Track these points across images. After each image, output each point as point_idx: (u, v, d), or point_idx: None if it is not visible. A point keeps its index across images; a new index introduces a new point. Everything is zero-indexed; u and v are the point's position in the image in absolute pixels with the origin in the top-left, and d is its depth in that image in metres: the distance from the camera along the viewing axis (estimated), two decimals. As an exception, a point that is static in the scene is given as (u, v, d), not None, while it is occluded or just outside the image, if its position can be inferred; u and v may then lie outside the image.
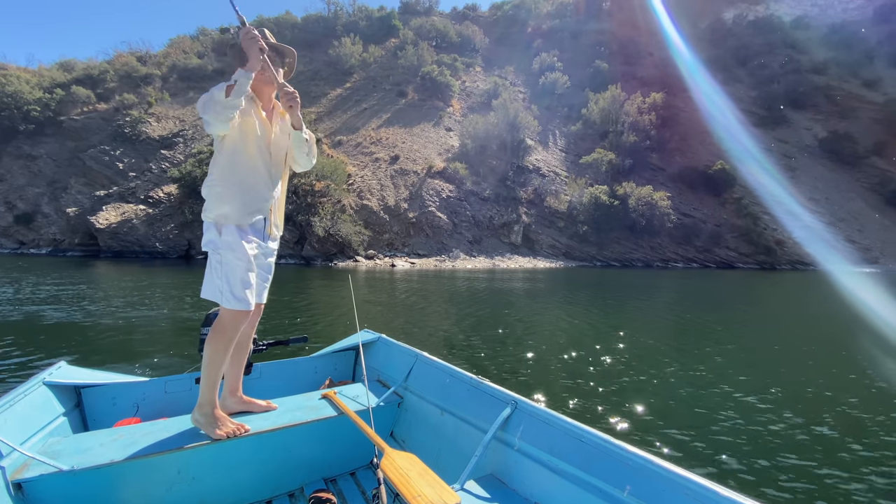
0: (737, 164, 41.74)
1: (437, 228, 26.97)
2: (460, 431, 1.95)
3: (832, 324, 10.25)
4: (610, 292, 15.40)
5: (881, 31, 69.18)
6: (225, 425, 1.77)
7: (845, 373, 5.66)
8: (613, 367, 5.48)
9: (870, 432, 3.81)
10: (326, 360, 2.88)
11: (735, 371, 5.47)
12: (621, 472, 1.32)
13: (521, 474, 1.62)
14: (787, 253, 33.40)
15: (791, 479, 3.01)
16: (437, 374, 2.23)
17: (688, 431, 3.67)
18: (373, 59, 51.69)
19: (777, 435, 3.69)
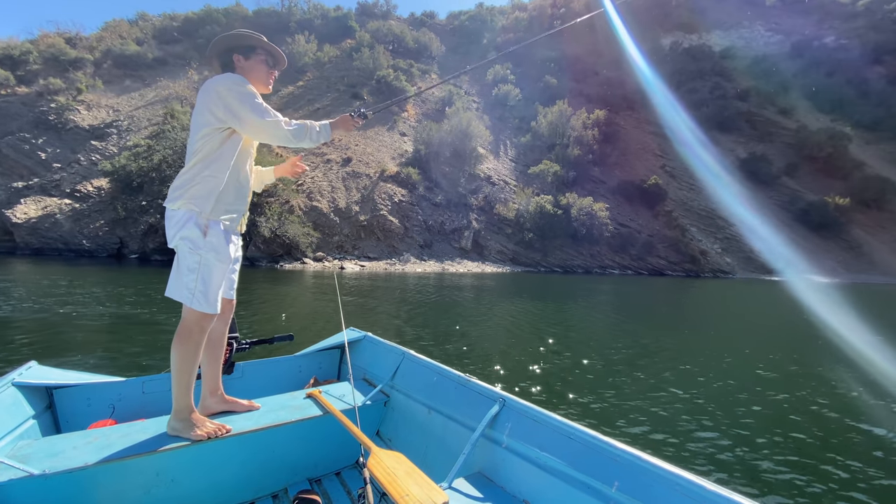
0: (669, 179, 45.30)
1: (389, 232, 27.18)
2: (448, 430, 1.94)
3: (746, 322, 11.65)
4: (556, 296, 16.37)
5: (796, 65, 77.60)
6: (205, 426, 1.73)
7: (759, 363, 6.64)
8: (560, 362, 6.10)
9: (783, 411, 4.62)
10: (311, 358, 2.83)
11: (664, 365, 6.28)
12: (609, 468, 1.34)
13: (509, 472, 1.61)
14: (709, 262, 36.68)
15: (727, 461, 3.66)
16: (424, 372, 2.21)
17: (624, 416, 4.30)
18: (327, 58, 51.07)
19: (693, 414, 4.40)
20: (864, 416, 4.56)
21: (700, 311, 14.44)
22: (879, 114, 60.76)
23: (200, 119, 1.73)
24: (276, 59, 1.99)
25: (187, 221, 1.67)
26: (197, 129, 1.73)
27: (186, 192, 1.69)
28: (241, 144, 1.79)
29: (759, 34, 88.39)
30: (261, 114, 1.71)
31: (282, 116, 1.77)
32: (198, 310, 1.67)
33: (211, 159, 1.72)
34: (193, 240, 1.67)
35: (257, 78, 1.89)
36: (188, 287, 1.66)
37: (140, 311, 8.43)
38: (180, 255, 1.70)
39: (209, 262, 1.68)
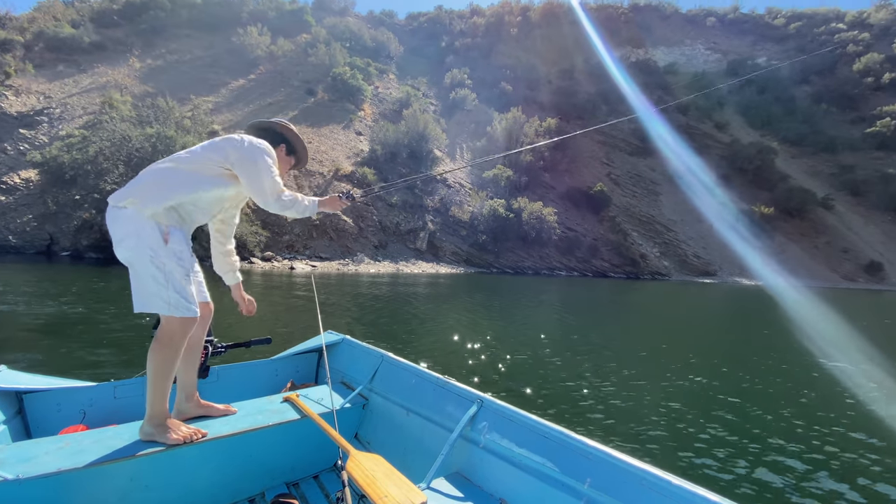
0: (614, 186, 47.84)
1: (342, 232, 27.08)
2: (426, 431, 1.96)
3: (682, 322, 12.78)
4: (509, 296, 17.07)
5: (731, 83, 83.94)
6: (180, 431, 1.71)
7: (692, 356, 7.46)
8: (514, 357, 6.61)
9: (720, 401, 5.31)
10: (287, 362, 2.82)
11: (607, 358, 6.94)
12: (582, 465, 1.39)
13: (486, 471, 1.65)
14: (648, 265, 39.16)
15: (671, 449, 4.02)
16: (403, 374, 2.24)
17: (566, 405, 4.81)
18: (281, 52, 49.75)
19: (626, 398, 5.01)
20: (775, 394, 5.38)
21: (641, 311, 15.64)
22: (803, 130, 66.83)
23: (212, 148, 1.81)
24: (300, 164, 2.26)
25: (148, 232, 1.62)
26: (202, 154, 1.79)
27: (149, 194, 1.65)
28: (227, 189, 1.82)
29: (700, 52, 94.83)
30: (270, 174, 1.81)
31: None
32: (179, 316, 1.66)
33: (195, 176, 1.74)
34: (154, 249, 1.61)
35: (280, 170, 2.03)
36: (162, 297, 1.62)
37: (82, 310, 8.19)
38: (139, 266, 1.63)
39: (173, 268, 1.64)
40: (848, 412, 5.04)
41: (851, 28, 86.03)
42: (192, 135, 25.20)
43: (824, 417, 4.81)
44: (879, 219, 52.40)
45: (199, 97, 36.29)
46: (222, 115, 35.51)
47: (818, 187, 55.54)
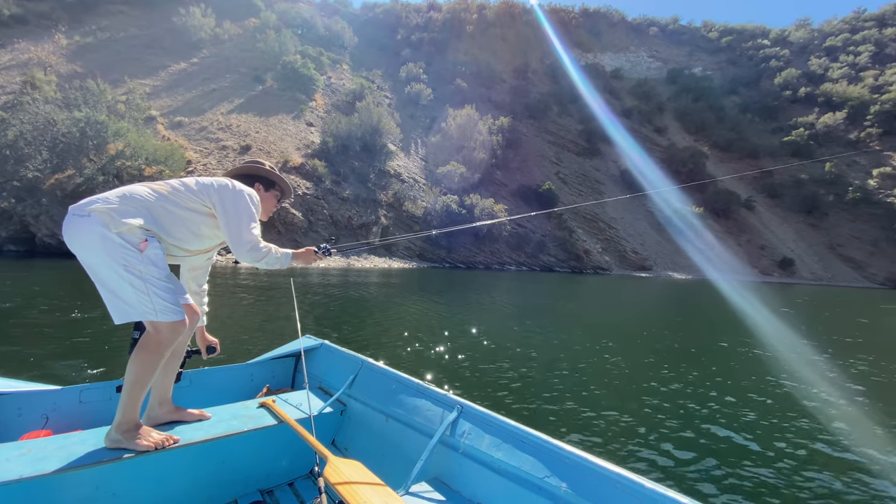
0: (562, 185, 49.90)
1: (291, 226, 26.56)
2: (406, 437, 1.96)
3: (619, 310, 13.79)
4: (462, 290, 17.56)
5: (670, 90, 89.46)
6: (150, 437, 1.67)
7: (630, 341, 8.17)
8: (468, 352, 6.98)
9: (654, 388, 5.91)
10: (264, 367, 2.77)
11: (555, 346, 7.48)
12: (559, 469, 1.40)
13: (465, 476, 1.65)
14: (591, 260, 41.37)
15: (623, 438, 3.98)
16: (382, 380, 2.23)
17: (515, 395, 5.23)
18: (227, 36, 47.50)
19: (564, 382, 5.51)
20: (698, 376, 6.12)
21: (587, 303, 16.67)
22: (731, 137, 72.72)
23: (201, 186, 1.78)
24: (286, 195, 2.22)
25: (113, 238, 1.55)
26: (192, 190, 1.77)
27: (127, 210, 1.61)
28: (206, 230, 1.81)
29: (643, 59, 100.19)
30: (250, 221, 1.80)
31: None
32: (168, 321, 1.63)
33: (179, 210, 1.73)
34: (127, 258, 1.55)
35: (266, 208, 2.07)
36: (145, 304, 1.58)
37: (9, 305, 7.73)
38: (111, 274, 1.56)
39: (151, 274, 1.60)
40: (775, 392, 5.90)
41: (774, 45, 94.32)
42: (126, 120, 23.73)
43: (760, 402, 5.60)
44: (793, 219, 58.41)
45: (134, 80, 33.99)
46: (160, 99, 33.51)
47: (742, 190, 60.85)
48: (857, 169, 63.00)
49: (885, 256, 53.11)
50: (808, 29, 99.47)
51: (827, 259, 54.34)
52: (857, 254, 54.41)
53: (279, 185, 2.16)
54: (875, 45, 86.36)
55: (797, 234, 56.86)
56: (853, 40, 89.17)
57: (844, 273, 52.49)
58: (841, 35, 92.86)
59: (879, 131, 66.26)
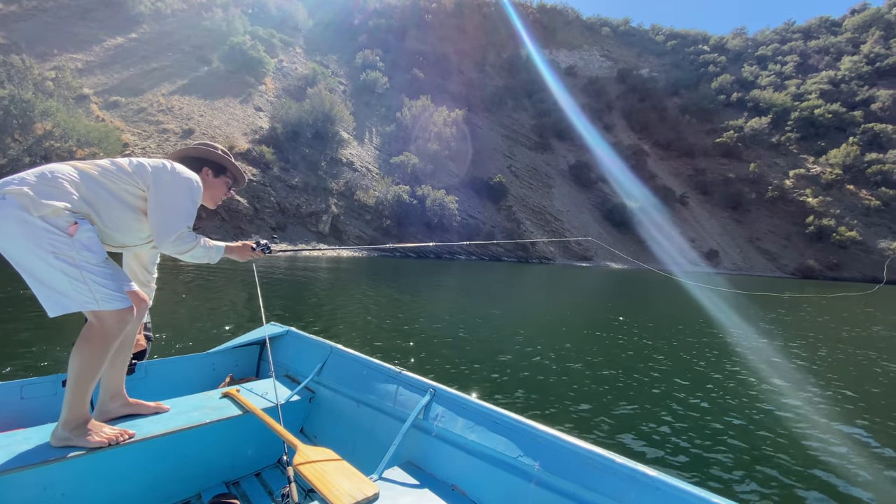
0: (513, 178, 51.67)
1: (236, 212, 26.29)
2: (378, 422, 1.96)
3: (560, 296, 15.07)
4: (413, 278, 18.34)
5: (619, 89, 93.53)
6: (102, 432, 1.57)
7: (567, 324, 9.24)
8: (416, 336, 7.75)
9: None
10: (226, 355, 2.70)
11: (498, 328, 8.40)
12: (532, 448, 1.42)
13: (439, 459, 1.66)
14: (537, 251, 43.46)
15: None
16: (353, 366, 2.22)
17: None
18: (170, 11, 45.16)
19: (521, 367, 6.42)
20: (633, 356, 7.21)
21: (535, 289, 17.95)
22: (671, 136, 77.49)
23: (138, 168, 1.64)
24: (238, 184, 2.05)
25: (36, 222, 1.40)
26: (128, 171, 1.61)
27: (51, 192, 1.44)
28: (144, 214, 1.65)
29: (595, 58, 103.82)
30: (181, 208, 1.65)
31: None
32: (111, 310, 1.50)
33: (111, 193, 1.58)
34: (56, 245, 1.41)
35: (213, 195, 1.94)
36: (83, 293, 1.45)
37: None
38: (39, 263, 1.42)
39: (87, 259, 1.45)
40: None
41: (713, 51, 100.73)
42: (55, 99, 22.54)
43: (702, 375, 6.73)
44: (720, 214, 63.73)
45: (64, 54, 31.91)
46: (94, 76, 31.70)
47: (678, 186, 65.43)
48: (776, 170, 69.35)
49: (796, 249, 59.25)
50: (744, 37, 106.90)
51: (747, 251, 59.87)
52: (773, 247, 60.33)
53: (231, 172, 2.00)
54: (800, 56, 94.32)
55: (723, 228, 62.13)
56: (781, 50, 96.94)
57: (761, 264, 58.13)
58: (771, 45, 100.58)
59: (797, 136, 73.09)
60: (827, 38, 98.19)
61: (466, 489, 1.56)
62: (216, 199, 1.97)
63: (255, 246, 1.93)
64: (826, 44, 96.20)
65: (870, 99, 76.20)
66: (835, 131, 71.58)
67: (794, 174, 67.42)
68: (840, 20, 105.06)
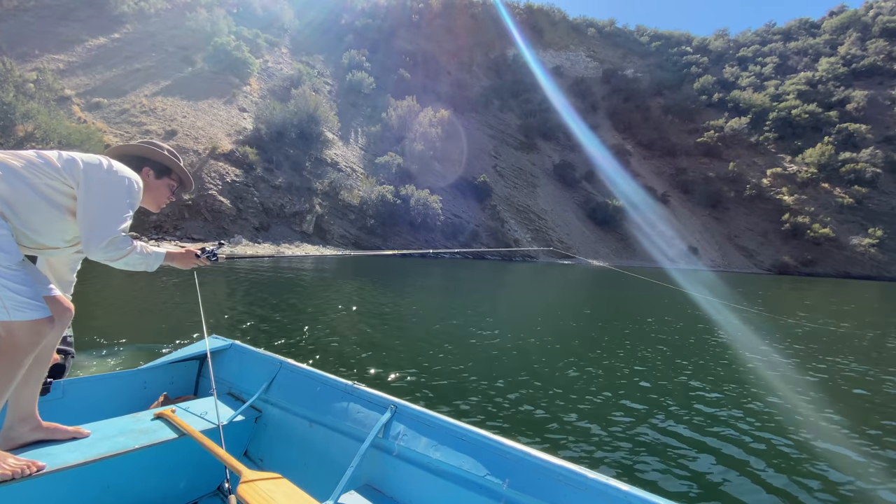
0: (498, 178, 52.45)
1: (218, 213, 26.62)
2: (332, 443, 1.84)
3: (541, 291, 15.75)
4: (396, 276, 18.91)
5: (604, 89, 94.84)
6: (5, 462, 1.39)
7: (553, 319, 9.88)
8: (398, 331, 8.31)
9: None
10: (159, 372, 2.47)
11: (478, 324, 9.01)
12: (500, 466, 1.36)
13: (400, 480, 1.57)
14: (520, 249, 44.32)
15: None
16: (305, 382, 2.08)
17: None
18: (154, 10, 45.01)
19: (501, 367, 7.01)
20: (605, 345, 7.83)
21: (518, 287, 18.62)
22: (654, 136, 78.92)
23: (69, 162, 1.50)
24: (184, 187, 1.91)
25: None
26: (56, 166, 1.48)
27: None
28: (71, 214, 1.51)
29: (581, 58, 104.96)
30: (115, 209, 1.51)
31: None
32: (24, 320, 1.37)
33: (34, 188, 1.43)
34: None
35: (155, 198, 1.81)
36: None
37: None
38: None
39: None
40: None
41: (696, 52, 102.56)
42: (36, 101, 22.73)
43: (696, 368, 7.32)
44: (700, 213, 65.26)
45: (46, 54, 31.90)
46: (76, 77, 31.72)
47: (660, 185, 66.83)
48: (755, 169, 71.12)
49: (772, 246, 60.97)
50: (726, 39, 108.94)
51: (725, 248, 61.43)
52: (750, 244, 61.99)
53: (176, 174, 1.85)
54: (779, 58, 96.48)
55: (703, 225, 63.66)
56: (762, 51, 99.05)
57: (739, 261, 59.72)
58: (752, 46, 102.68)
59: (775, 135, 74.99)
60: (806, 40, 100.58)
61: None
62: (158, 202, 1.84)
63: (199, 253, 1.82)
64: (805, 45, 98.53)
65: (845, 99, 78.42)
66: (811, 131, 73.59)
67: (772, 173, 69.25)
68: (819, 22, 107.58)
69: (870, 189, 64.14)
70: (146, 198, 1.77)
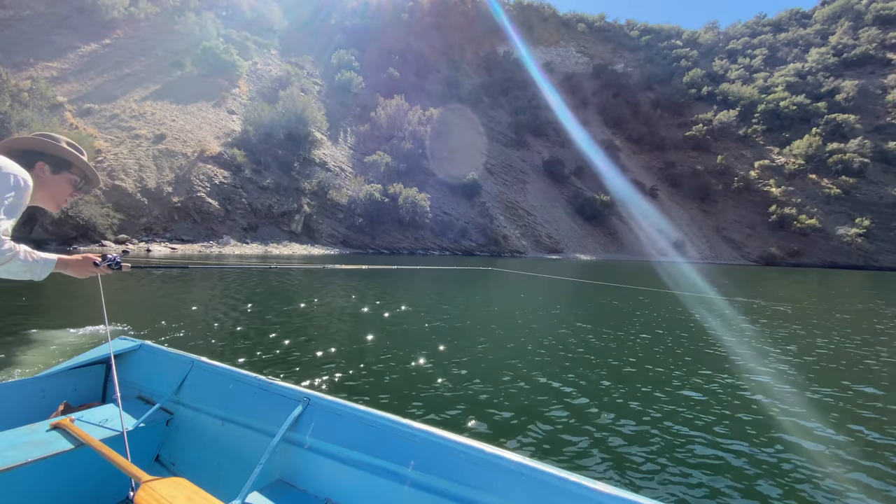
0: (488, 175, 53.14)
1: (207, 214, 27.32)
2: (244, 440, 1.82)
3: (529, 288, 16.48)
4: (383, 277, 19.63)
5: (594, 85, 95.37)
6: None
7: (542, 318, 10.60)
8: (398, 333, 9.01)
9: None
10: (59, 379, 2.33)
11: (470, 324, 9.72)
12: (406, 448, 1.41)
13: (311, 473, 1.58)
14: (509, 244, 45.06)
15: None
16: (217, 379, 2.03)
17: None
18: (143, 15, 45.52)
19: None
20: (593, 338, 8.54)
21: (498, 289, 19.35)
22: (643, 131, 79.61)
23: None
24: (89, 183, 1.78)
25: None
26: None
27: None
28: None
29: (572, 54, 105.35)
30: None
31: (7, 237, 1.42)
32: None
33: None
34: None
35: (53, 195, 1.66)
36: None
37: None
38: None
39: None
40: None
41: (686, 45, 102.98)
42: (30, 109, 23.40)
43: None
44: (689, 206, 66.05)
45: (40, 62, 32.50)
46: (69, 84, 32.33)
47: (649, 179, 67.59)
48: (743, 161, 71.86)
49: (759, 238, 61.77)
50: (716, 32, 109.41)
51: (713, 240, 62.25)
52: (738, 236, 62.81)
53: (78, 167, 1.71)
54: (769, 49, 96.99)
55: (691, 218, 64.46)
56: (751, 43, 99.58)
57: (726, 253, 60.55)
58: (742, 38, 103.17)
59: (763, 128, 75.68)
60: (796, 31, 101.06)
61: (341, 501, 1.50)
62: (57, 200, 1.67)
63: (98, 261, 1.72)
64: (795, 36, 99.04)
65: (835, 90, 79.01)
66: (799, 122, 74.24)
67: (760, 165, 70.00)
68: (811, 12, 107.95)
69: (858, 179, 64.85)
70: (41, 195, 1.61)
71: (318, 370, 4.61)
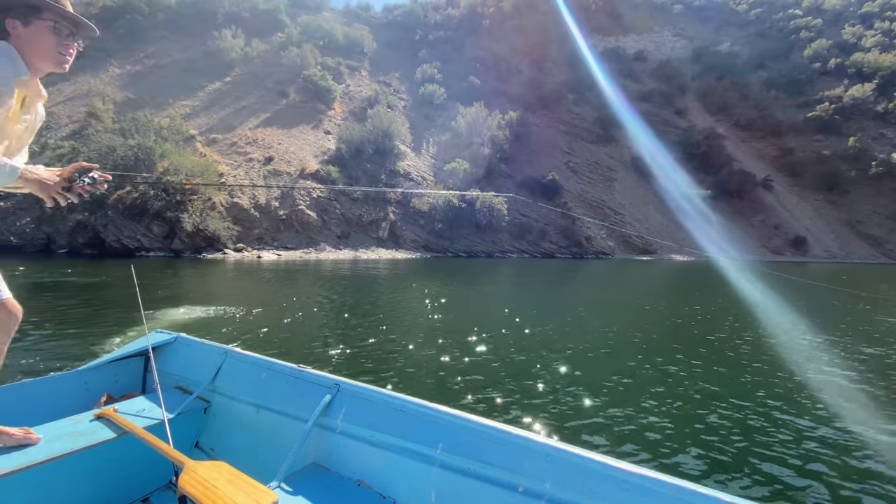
0: (570, 174, 51.72)
1: (307, 224, 30.80)
2: (279, 426, 1.90)
3: (619, 291, 16.75)
4: (459, 275, 20.95)
5: (694, 69, 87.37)
6: None
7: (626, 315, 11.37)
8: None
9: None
10: (101, 372, 2.41)
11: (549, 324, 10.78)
12: (434, 432, 1.47)
13: (344, 456, 1.65)
14: (593, 245, 43.39)
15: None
16: (251, 369, 2.12)
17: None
18: (256, 52, 52.45)
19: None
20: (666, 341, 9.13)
21: (587, 285, 19.57)
22: (753, 116, 70.94)
23: None
24: (75, 25, 1.47)
25: None
26: None
27: None
28: None
29: (667, 39, 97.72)
30: None
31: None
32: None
33: None
34: None
35: (42, 52, 1.41)
36: None
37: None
38: None
39: None
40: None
41: (807, 14, 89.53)
42: (169, 142, 28.63)
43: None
44: (811, 197, 57.17)
45: (177, 101, 39.37)
46: (198, 118, 38.66)
47: (761, 169, 59.94)
48: (883, 142, 60.32)
49: (908, 232, 51.45)
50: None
51: (844, 236, 53.09)
52: (878, 230, 52.80)
53: (48, 9, 1.40)
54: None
55: (815, 211, 55.74)
56: (892, 3, 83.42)
57: (862, 250, 51.26)
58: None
59: (911, 101, 62.97)
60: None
61: (373, 482, 1.55)
62: (50, 55, 1.43)
63: (68, 180, 1.43)
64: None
65: None
66: (962, 92, 60.51)
67: (907, 145, 58.29)
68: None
69: None
70: (30, 58, 1.40)
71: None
